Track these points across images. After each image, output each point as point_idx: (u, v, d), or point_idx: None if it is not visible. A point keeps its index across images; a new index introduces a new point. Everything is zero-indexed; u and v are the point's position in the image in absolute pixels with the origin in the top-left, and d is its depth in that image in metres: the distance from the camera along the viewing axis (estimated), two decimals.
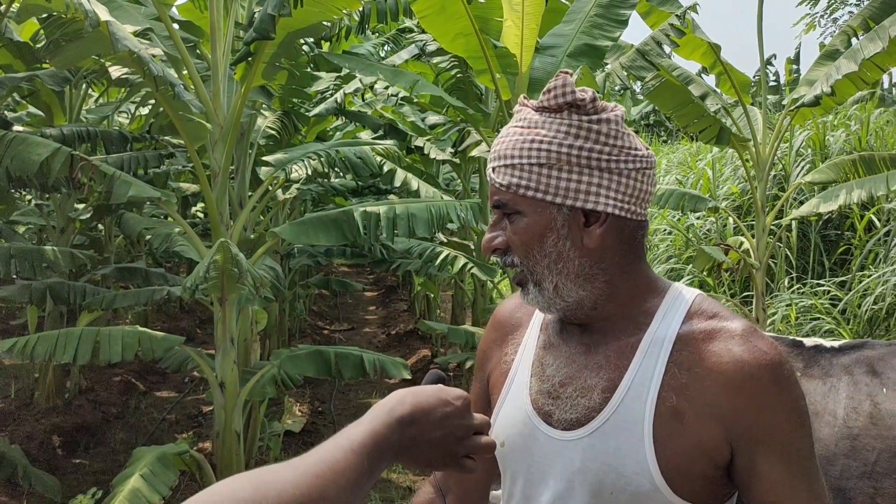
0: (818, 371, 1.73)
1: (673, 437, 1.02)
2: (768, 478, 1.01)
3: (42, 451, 5.48)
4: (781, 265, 6.57)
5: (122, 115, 7.96)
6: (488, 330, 1.34)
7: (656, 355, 1.06)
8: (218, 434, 4.30)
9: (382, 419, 0.89)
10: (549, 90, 1.09)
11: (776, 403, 1.02)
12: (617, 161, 1.07)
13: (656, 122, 17.27)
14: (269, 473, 0.77)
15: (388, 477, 5.21)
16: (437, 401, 0.95)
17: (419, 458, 0.95)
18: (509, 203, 1.10)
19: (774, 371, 1.03)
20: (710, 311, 1.10)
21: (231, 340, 4.28)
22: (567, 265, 1.09)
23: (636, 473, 1.02)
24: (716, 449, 1.02)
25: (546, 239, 1.09)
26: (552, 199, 1.07)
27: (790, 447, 1.02)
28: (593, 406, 1.08)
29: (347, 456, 0.82)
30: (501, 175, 1.10)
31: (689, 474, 1.02)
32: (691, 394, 1.03)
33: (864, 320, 5.54)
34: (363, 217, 4.21)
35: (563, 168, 1.07)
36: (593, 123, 1.07)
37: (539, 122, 1.09)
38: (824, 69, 5.36)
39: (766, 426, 1.02)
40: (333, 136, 8.24)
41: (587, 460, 1.07)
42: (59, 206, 6.26)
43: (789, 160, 7.27)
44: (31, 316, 6.42)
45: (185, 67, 4.17)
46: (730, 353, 1.04)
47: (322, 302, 12.18)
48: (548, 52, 4.87)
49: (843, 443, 1.60)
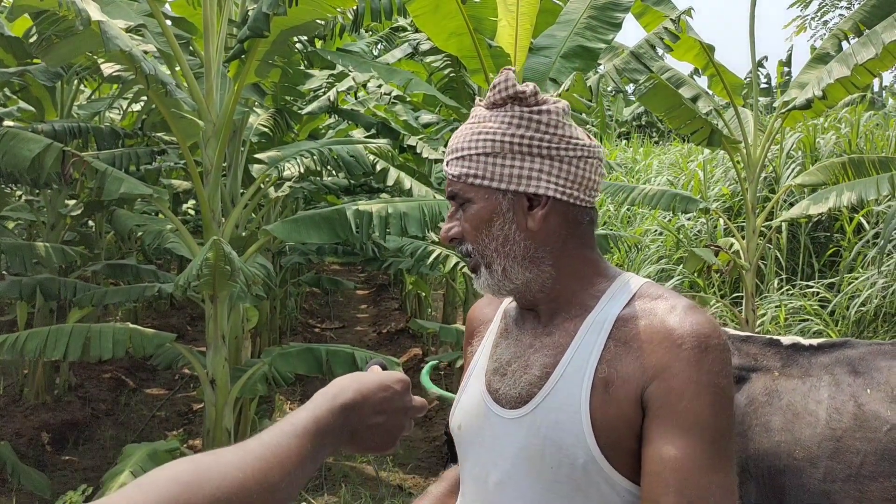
0: (797, 370, 1.73)
1: (602, 407, 1.05)
2: (657, 447, 0.99)
3: (31, 447, 5.47)
4: (771, 267, 6.61)
5: (114, 112, 7.92)
6: (465, 330, 1.41)
7: (597, 334, 1.11)
8: (208, 431, 4.30)
9: (326, 405, 0.91)
10: (493, 86, 1.17)
11: (689, 371, 1.01)
12: (557, 148, 1.15)
13: (648, 124, 17.31)
14: (213, 457, 0.79)
15: (378, 475, 5.22)
16: (377, 386, 0.98)
17: (362, 442, 0.98)
18: (460, 192, 1.18)
19: (698, 340, 1.03)
20: (655, 294, 1.13)
21: (222, 338, 4.28)
22: (514, 248, 1.15)
23: (573, 445, 1.05)
24: (632, 417, 1.03)
25: (493, 223, 1.16)
26: (497, 185, 1.15)
27: (692, 421, 0.99)
28: (533, 382, 1.12)
29: (290, 441, 0.84)
30: (453, 167, 1.18)
31: (620, 446, 1.04)
32: (620, 364, 1.06)
33: (853, 322, 5.58)
34: (355, 215, 4.22)
35: (506, 156, 1.14)
36: (534, 114, 1.15)
37: (487, 116, 1.17)
38: (815, 72, 5.39)
39: (672, 391, 1.00)
40: (326, 134, 8.23)
41: (530, 436, 1.10)
42: (49, 201, 6.23)
43: (780, 162, 7.31)
44: (21, 312, 6.39)
45: (178, 64, 4.16)
46: (662, 323, 1.07)
47: (313, 300, 12.17)
48: (542, 53, 4.89)
49: (827, 444, 1.59)
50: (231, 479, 0.76)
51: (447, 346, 7.16)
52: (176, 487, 0.73)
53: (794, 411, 1.65)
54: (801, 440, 1.61)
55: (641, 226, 8.36)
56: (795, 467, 1.59)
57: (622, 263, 7.86)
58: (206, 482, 0.74)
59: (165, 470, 0.75)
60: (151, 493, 0.72)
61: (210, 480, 0.75)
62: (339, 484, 4.96)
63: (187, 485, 0.73)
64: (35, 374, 6.14)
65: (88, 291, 5.31)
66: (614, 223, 8.83)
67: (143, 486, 0.72)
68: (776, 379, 1.73)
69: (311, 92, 6.51)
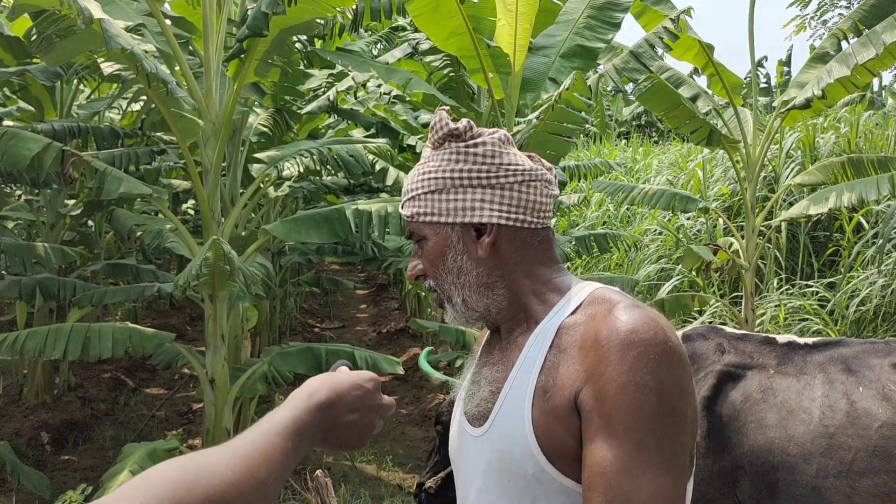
0: (792, 368, 1.75)
1: (543, 415, 1.05)
2: (588, 451, 0.98)
3: (30, 447, 5.47)
4: (771, 266, 6.62)
5: (114, 111, 7.93)
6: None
7: (540, 345, 1.12)
8: (208, 431, 4.30)
9: (303, 405, 0.95)
10: (431, 127, 1.22)
11: (612, 371, 0.98)
12: (497, 177, 1.18)
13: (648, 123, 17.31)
14: (204, 457, 0.81)
15: (377, 475, 5.23)
16: (350, 385, 1.01)
17: (335, 440, 1.01)
18: (416, 231, 1.22)
19: (623, 338, 0.99)
20: (603, 298, 1.11)
21: (222, 337, 4.28)
22: (468, 278, 1.19)
23: (523, 457, 1.07)
24: (569, 420, 1.02)
25: (447, 256, 1.20)
26: (444, 219, 1.19)
27: (616, 422, 0.96)
28: (486, 398, 1.16)
29: (274, 439, 0.87)
30: (406, 208, 1.23)
31: (565, 453, 1.03)
32: (557, 371, 1.07)
33: (852, 321, 5.58)
34: (355, 215, 4.22)
35: (449, 191, 1.19)
36: (470, 147, 1.19)
37: (430, 157, 1.22)
38: (815, 72, 5.40)
39: (598, 394, 0.98)
40: (325, 133, 8.23)
41: (491, 452, 1.12)
42: (49, 201, 6.24)
43: (779, 162, 7.31)
44: (21, 312, 6.39)
45: (178, 64, 4.17)
46: (595, 325, 1.05)
47: (313, 300, 12.17)
48: (541, 53, 4.89)
49: (820, 441, 1.61)
50: (222, 478, 0.78)
51: (447, 346, 7.16)
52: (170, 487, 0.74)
53: (788, 408, 1.67)
54: (795, 437, 1.63)
55: (641, 225, 8.37)
56: (789, 463, 1.61)
57: (622, 263, 7.86)
58: (199, 480, 0.76)
59: (158, 470, 0.77)
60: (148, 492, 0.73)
61: (202, 479, 0.77)
62: (339, 483, 4.97)
63: (181, 483, 0.75)
64: (35, 374, 6.15)
65: (88, 291, 5.32)
66: (614, 223, 8.83)
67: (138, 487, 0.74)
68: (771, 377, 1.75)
69: (310, 91, 6.52)
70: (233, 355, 4.93)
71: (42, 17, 3.72)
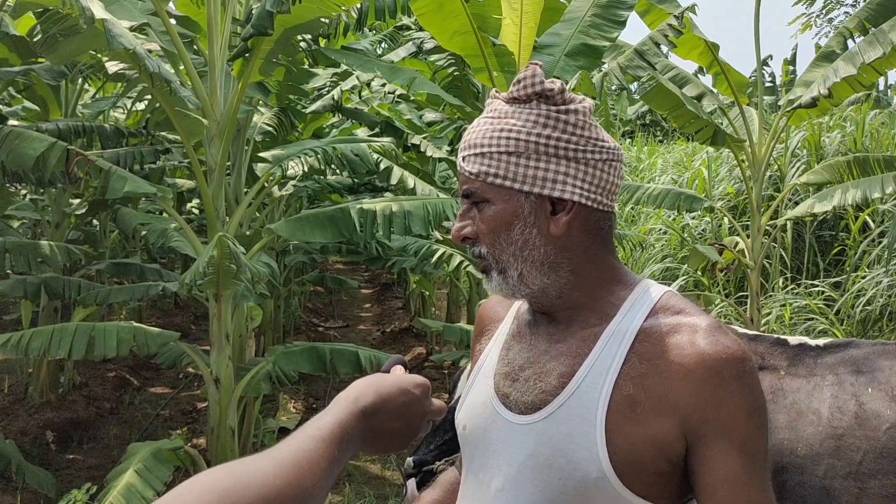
0: (802, 370, 1.74)
1: (625, 426, 1.02)
2: (723, 474, 1.00)
3: (36, 446, 5.48)
4: (776, 265, 6.59)
5: (119, 111, 7.94)
6: (474, 327, 1.36)
7: (617, 345, 1.07)
8: (213, 430, 4.30)
9: (348, 409, 0.91)
10: (518, 81, 1.11)
11: (737, 399, 1.01)
12: (584, 151, 1.10)
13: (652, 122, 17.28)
14: (251, 464, 0.78)
15: (381, 474, 5.22)
16: (397, 390, 0.97)
17: (381, 444, 0.97)
18: (478, 191, 1.12)
19: (737, 366, 1.02)
20: (677, 307, 1.10)
21: (226, 336, 4.28)
22: (533, 253, 1.10)
23: (585, 459, 1.02)
24: (668, 442, 1.01)
25: (513, 226, 1.10)
26: (520, 186, 1.09)
27: (748, 444, 1.01)
28: (549, 390, 1.08)
29: (319, 446, 0.84)
30: (471, 164, 1.12)
31: (640, 466, 1.02)
32: (649, 384, 1.03)
33: (858, 321, 5.56)
34: (359, 214, 4.22)
35: (531, 156, 1.09)
36: (561, 113, 1.10)
37: (509, 113, 1.11)
38: (821, 70, 5.37)
39: (725, 421, 1.00)
40: (329, 133, 8.23)
41: (539, 445, 1.07)
42: (54, 200, 6.25)
43: (785, 161, 7.29)
44: (26, 311, 6.40)
45: (182, 63, 4.17)
46: (692, 345, 1.03)
47: (317, 299, 12.18)
48: (546, 51, 4.88)
49: (828, 442, 1.60)
50: (270, 486, 0.75)
51: (451, 346, 7.16)
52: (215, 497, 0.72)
53: (797, 410, 1.66)
54: (804, 438, 1.62)
55: (646, 224, 8.35)
56: (798, 465, 1.60)
57: (627, 262, 7.85)
58: (246, 489, 0.74)
59: (201, 479, 0.74)
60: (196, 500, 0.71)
61: (249, 487, 0.74)
62: (343, 483, 4.97)
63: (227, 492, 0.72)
64: (40, 373, 6.16)
65: (93, 290, 5.33)
66: (619, 222, 8.82)
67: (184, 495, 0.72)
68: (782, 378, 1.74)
69: (314, 91, 6.51)
70: (237, 354, 4.94)
71: (45, 16, 3.72)
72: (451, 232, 1.17)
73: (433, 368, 7.38)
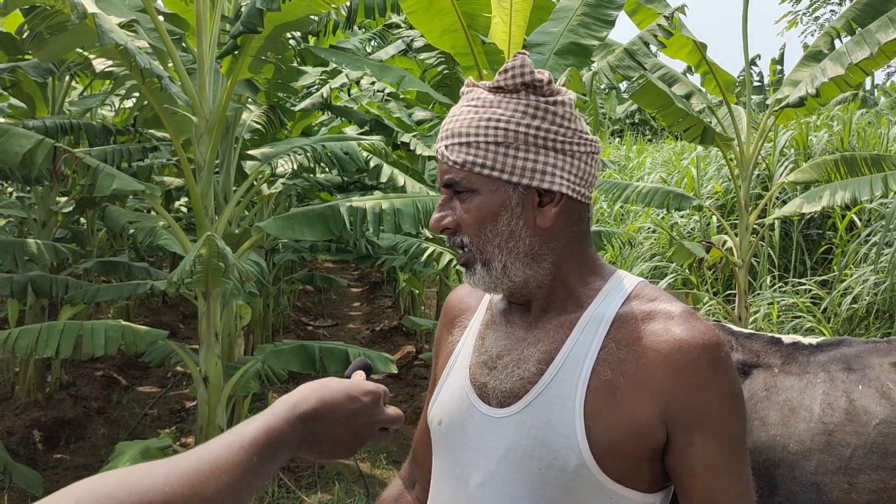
0: (795, 368, 1.76)
1: (605, 411, 1.02)
2: (701, 461, 1.01)
3: (22, 445, 5.44)
4: (764, 264, 6.63)
5: (106, 108, 7.89)
6: (440, 318, 1.34)
7: (594, 332, 1.07)
8: (201, 429, 4.29)
9: (283, 415, 0.88)
10: (506, 70, 1.10)
11: (714, 386, 1.02)
12: (571, 143, 1.10)
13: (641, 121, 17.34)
14: (140, 471, 0.75)
15: (371, 472, 5.22)
16: (343, 397, 0.93)
17: (322, 451, 0.94)
18: (463, 181, 1.10)
19: (712, 352, 1.03)
20: (651, 296, 1.11)
21: (215, 335, 4.27)
22: (518, 244, 1.10)
23: (565, 448, 1.02)
24: (648, 427, 1.02)
25: (500, 218, 1.09)
26: (508, 177, 1.08)
27: (725, 431, 1.02)
28: (527, 377, 1.08)
29: (234, 452, 0.80)
30: (456, 153, 1.09)
31: (619, 452, 1.02)
32: (627, 369, 1.04)
33: (844, 319, 5.60)
34: (349, 212, 4.21)
35: (519, 147, 1.08)
36: (549, 105, 1.09)
37: (495, 102, 1.10)
38: (808, 70, 5.41)
39: (702, 408, 1.02)
40: (319, 131, 8.21)
41: (519, 436, 1.06)
42: (41, 198, 6.20)
43: (773, 160, 7.33)
44: (12, 310, 6.35)
45: (171, 60, 4.15)
46: (668, 332, 1.04)
47: (306, 298, 12.15)
48: (535, 50, 4.89)
49: (819, 438, 1.62)
50: (155, 493, 0.72)
51: None
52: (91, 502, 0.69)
53: (790, 407, 1.68)
54: (796, 434, 1.64)
55: (635, 223, 8.38)
56: (789, 460, 1.62)
57: (615, 261, 7.87)
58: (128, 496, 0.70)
59: (86, 482, 0.71)
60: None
61: (132, 495, 0.71)
62: (333, 482, 4.96)
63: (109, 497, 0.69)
64: (27, 372, 6.12)
65: (80, 289, 5.29)
66: (608, 220, 8.84)
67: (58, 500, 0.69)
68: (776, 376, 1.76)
69: (304, 89, 6.50)
70: (226, 353, 4.92)
71: (34, 13, 3.69)
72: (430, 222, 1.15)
73: (423, 367, 7.38)
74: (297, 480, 4.99)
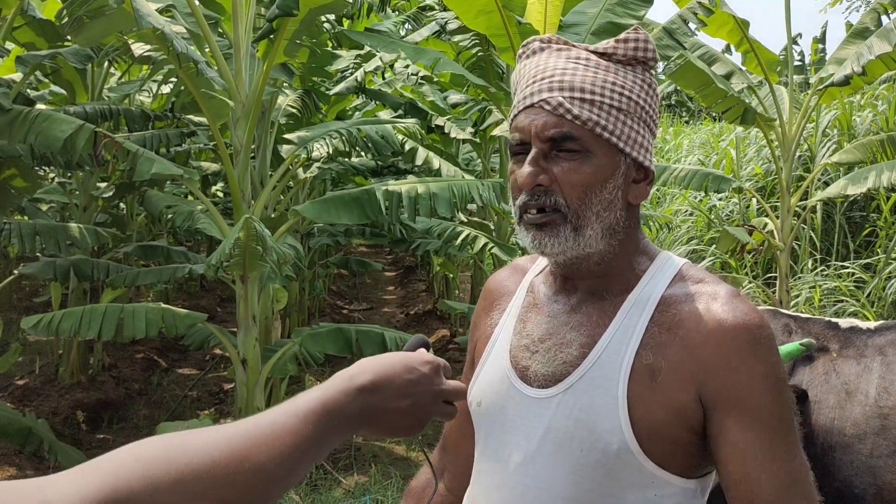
0: (853, 351, 1.74)
1: (646, 395, 1.01)
2: (736, 443, 0.98)
3: (66, 426, 5.57)
4: (805, 247, 6.50)
5: (144, 94, 7.98)
6: (479, 300, 1.32)
7: (638, 315, 1.06)
8: (240, 411, 4.34)
9: (340, 387, 0.86)
10: (626, 41, 1.08)
11: (752, 365, 1.00)
12: (656, 124, 1.11)
13: (678, 103, 17.06)
14: (189, 435, 0.74)
15: (407, 455, 5.25)
16: (401, 368, 0.92)
17: (384, 425, 0.92)
18: (582, 138, 1.04)
19: (753, 333, 1.01)
20: (697, 277, 1.10)
21: (253, 318, 4.31)
22: (610, 215, 1.07)
23: (607, 431, 1.01)
24: (687, 409, 1.00)
25: (607, 185, 1.06)
26: (624, 146, 1.06)
27: (763, 412, 0.99)
28: (570, 361, 1.07)
29: (289, 420, 0.79)
30: (579, 108, 1.04)
31: (661, 436, 1.00)
32: (668, 352, 1.02)
33: (889, 303, 5.47)
34: (385, 196, 4.20)
35: (635, 119, 1.07)
36: (653, 83, 1.10)
37: (612, 68, 1.07)
38: (854, 48, 5.26)
39: (739, 387, 0.99)
40: (353, 115, 8.22)
41: (561, 417, 1.05)
42: (81, 183, 6.30)
43: (815, 140, 7.16)
44: (55, 293, 6.49)
45: (207, 45, 4.17)
46: (709, 312, 1.03)
47: (341, 281, 12.23)
48: (571, 30, 4.82)
49: (874, 421, 1.60)
50: (203, 457, 0.71)
51: None
52: (138, 465, 0.68)
53: (847, 391, 1.66)
54: (852, 418, 1.62)
55: (672, 206, 8.26)
56: (845, 443, 1.60)
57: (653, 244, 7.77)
58: (174, 459, 0.69)
59: (132, 446, 0.71)
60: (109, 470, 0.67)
61: (178, 458, 0.70)
62: (370, 463, 4.99)
63: (152, 461, 0.68)
64: (70, 354, 6.25)
65: (121, 272, 5.38)
66: (644, 203, 8.71)
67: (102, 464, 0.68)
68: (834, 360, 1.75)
69: (338, 72, 6.50)
70: (263, 336, 4.96)
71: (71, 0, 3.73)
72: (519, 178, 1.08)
73: (457, 350, 7.39)
74: (335, 462, 5.03)
